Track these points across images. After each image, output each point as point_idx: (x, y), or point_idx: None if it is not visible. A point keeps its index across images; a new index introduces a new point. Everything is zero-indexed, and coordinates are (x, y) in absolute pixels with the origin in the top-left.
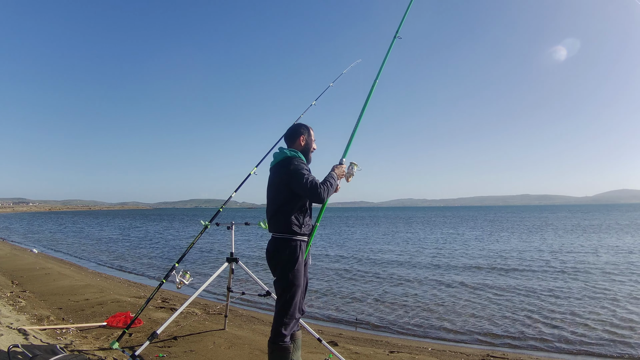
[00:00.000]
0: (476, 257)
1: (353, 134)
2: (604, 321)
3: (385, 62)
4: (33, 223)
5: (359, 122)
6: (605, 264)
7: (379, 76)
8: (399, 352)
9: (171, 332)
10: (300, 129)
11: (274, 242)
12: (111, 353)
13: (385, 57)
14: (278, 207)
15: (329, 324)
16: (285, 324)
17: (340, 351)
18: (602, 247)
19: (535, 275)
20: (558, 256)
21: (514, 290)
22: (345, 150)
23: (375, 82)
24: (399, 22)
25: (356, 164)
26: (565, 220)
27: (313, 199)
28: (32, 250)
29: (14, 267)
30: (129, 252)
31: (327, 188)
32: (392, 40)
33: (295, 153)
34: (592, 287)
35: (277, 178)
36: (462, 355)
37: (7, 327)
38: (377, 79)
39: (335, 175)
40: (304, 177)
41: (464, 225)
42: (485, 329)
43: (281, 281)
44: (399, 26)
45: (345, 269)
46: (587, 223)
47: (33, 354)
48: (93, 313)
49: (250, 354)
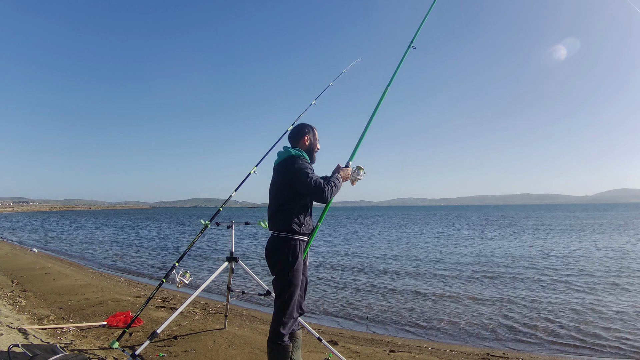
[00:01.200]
0: (476, 257)
1: (361, 139)
2: (604, 321)
3: (397, 71)
4: (33, 222)
5: (368, 127)
6: (604, 264)
7: (390, 83)
8: (399, 351)
9: (171, 331)
10: (305, 129)
11: (274, 241)
12: (111, 352)
13: (398, 66)
14: (279, 205)
15: (329, 323)
16: (283, 323)
17: (341, 350)
18: (601, 247)
19: (535, 275)
20: (557, 256)
21: (513, 290)
22: (352, 154)
23: (386, 89)
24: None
25: (362, 168)
26: (563, 220)
27: (317, 198)
28: (32, 249)
29: (14, 267)
30: (128, 251)
31: (332, 188)
32: (406, 50)
33: (299, 152)
34: (592, 287)
35: (280, 176)
36: (462, 355)
37: (7, 327)
38: (388, 85)
39: (340, 177)
40: (308, 176)
41: (463, 225)
42: (486, 328)
43: (280, 280)
44: (414, 36)
45: (345, 269)
46: (584, 222)
47: (33, 353)
48: (93, 312)
49: (250, 353)
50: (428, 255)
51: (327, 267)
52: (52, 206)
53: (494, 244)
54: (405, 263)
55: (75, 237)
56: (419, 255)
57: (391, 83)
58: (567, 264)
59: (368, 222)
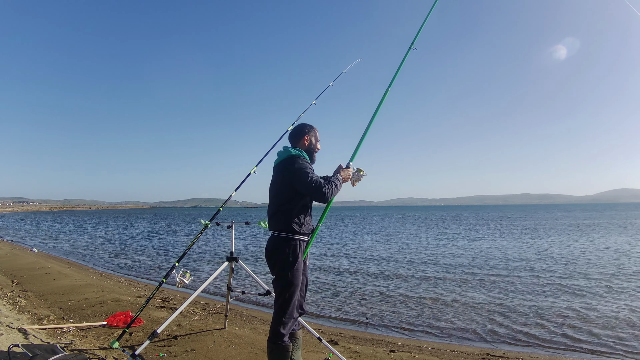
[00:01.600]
0: (475, 258)
1: (361, 140)
2: (604, 321)
3: (398, 72)
4: (33, 222)
5: (368, 129)
6: (603, 265)
7: (391, 85)
8: (399, 351)
9: (171, 331)
10: (306, 129)
11: (274, 241)
12: (111, 352)
13: (398, 67)
14: (279, 205)
15: (329, 322)
16: (283, 323)
17: (341, 350)
18: (600, 248)
19: (535, 275)
20: (557, 257)
21: (513, 290)
22: (352, 155)
23: (387, 91)
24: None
25: (363, 170)
26: (562, 220)
27: (317, 198)
28: (32, 249)
29: (14, 267)
30: (128, 251)
31: (332, 188)
32: (407, 51)
33: (299, 152)
34: (591, 287)
35: (280, 176)
36: (462, 354)
37: (7, 327)
38: (389, 87)
39: (341, 177)
40: (308, 176)
41: (462, 225)
42: (486, 329)
43: (279, 280)
44: (414, 37)
45: (345, 269)
46: (583, 222)
47: (33, 353)
48: (93, 312)
49: (250, 353)
50: (427, 255)
51: (327, 267)
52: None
53: (492, 245)
54: (404, 263)
55: (75, 237)
56: (418, 256)
57: (392, 85)
58: (567, 264)
59: (368, 222)
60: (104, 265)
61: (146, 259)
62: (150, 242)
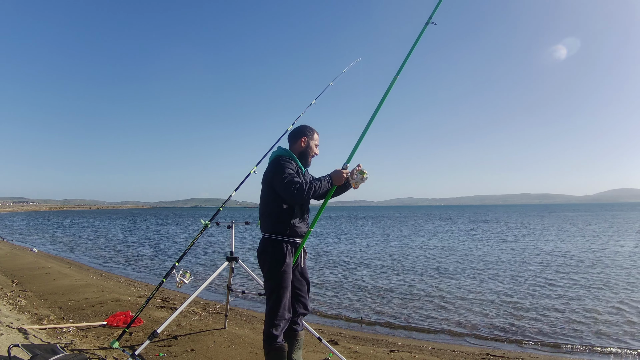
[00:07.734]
0: (476, 258)
1: (359, 141)
2: (603, 321)
3: (412, 50)
4: (33, 222)
5: (368, 128)
6: (602, 265)
7: (404, 64)
8: (399, 351)
9: (171, 331)
10: (305, 130)
11: (262, 242)
12: (111, 352)
13: (413, 44)
14: (265, 206)
15: (329, 323)
16: (275, 325)
17: (341, 350)
18: (600, 248)
19: (536, 276)
20: (558, 257)
21: (513, 290)
22: (349, 156)
23: (399, 71)
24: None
25: (365, 172)
26: (562, 220)
27: (286, 197)
28: (32, 249)
29: (14, 267)
30: (128, 251)
31: (310, 189)
32: (423, 27)
33: (285, 152)
34: (591, 286)
35: (264, 177)
36: (462, 354)
37: (7, 327)
38: (403, 64)
39: (330, 178)
40: (283, 175)
41: (461, 225)
42: (486, 328)
43: (268, 282)
44: (433, 10)
45: (344, 269)
46: (583, 223)
47: (33, 353)
48: (93, 312)
49: (250, 353)
50: (427, 255)
51: (327, 266)
52: (52, 206)
53: (494, 244)
54: (404, 263)
55: (75, 237)
56: (418, 256)
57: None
58: (567, 264)
59: (367, 222)
60: (104, 265)
61: (146, 259)
62: (150, 241)
